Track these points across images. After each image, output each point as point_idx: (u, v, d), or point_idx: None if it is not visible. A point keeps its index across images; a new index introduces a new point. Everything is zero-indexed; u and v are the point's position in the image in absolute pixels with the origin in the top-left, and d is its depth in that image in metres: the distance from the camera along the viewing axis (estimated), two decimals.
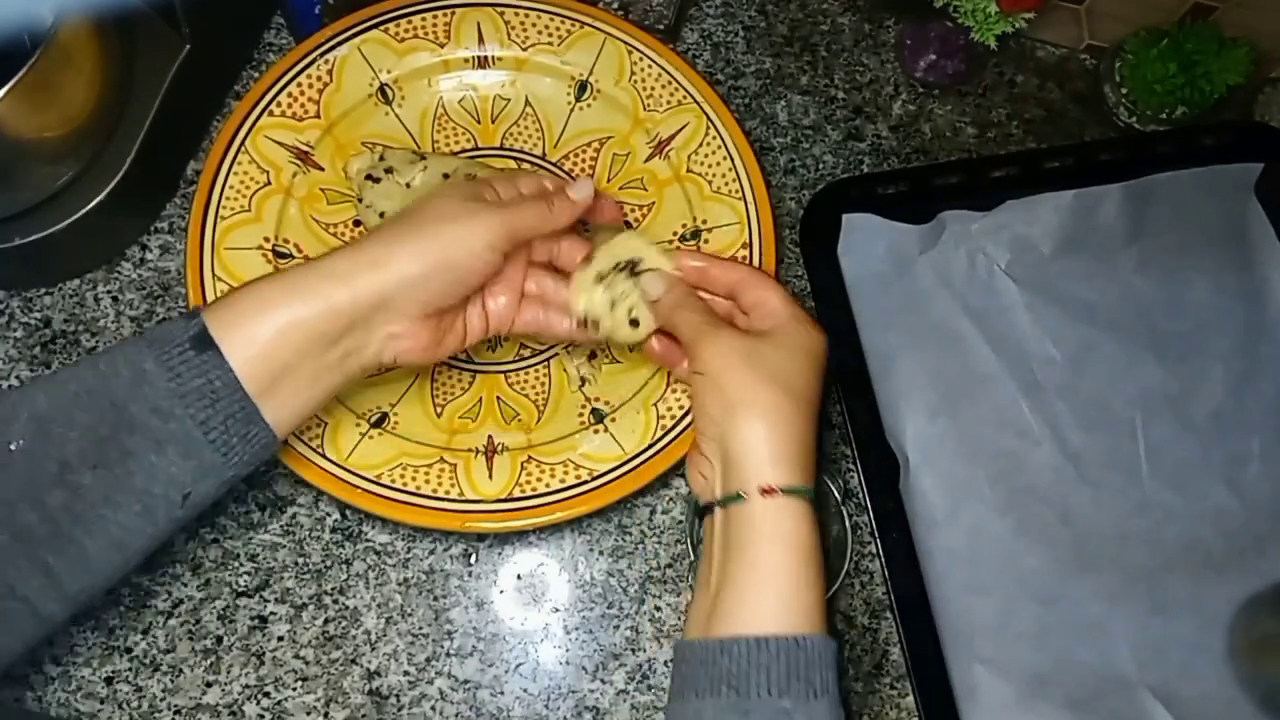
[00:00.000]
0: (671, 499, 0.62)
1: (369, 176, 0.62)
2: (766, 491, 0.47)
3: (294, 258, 0.61)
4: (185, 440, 0.43)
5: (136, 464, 0.43)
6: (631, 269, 0.55)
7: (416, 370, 0.61)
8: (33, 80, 0.50)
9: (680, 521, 0.62)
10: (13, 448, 0.42)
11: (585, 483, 0.58)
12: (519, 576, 0.60)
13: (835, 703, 0.45)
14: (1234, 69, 0.68)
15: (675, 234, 0.64)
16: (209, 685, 0.56)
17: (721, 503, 0.49)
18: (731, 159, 0.64)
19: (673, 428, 0.59)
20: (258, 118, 0.62)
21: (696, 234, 0.64)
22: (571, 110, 0.67)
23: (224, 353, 0.43)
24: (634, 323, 0.55)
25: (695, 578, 0.51)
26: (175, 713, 0.56)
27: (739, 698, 0.44)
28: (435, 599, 0.59)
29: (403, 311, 0.47)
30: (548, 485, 0.57)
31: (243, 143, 0.61)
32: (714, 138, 0.65)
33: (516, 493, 0.57)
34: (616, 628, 0.60)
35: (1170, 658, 0.61)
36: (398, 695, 0.57)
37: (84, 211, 0.60)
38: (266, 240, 0.61)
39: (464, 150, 0.66)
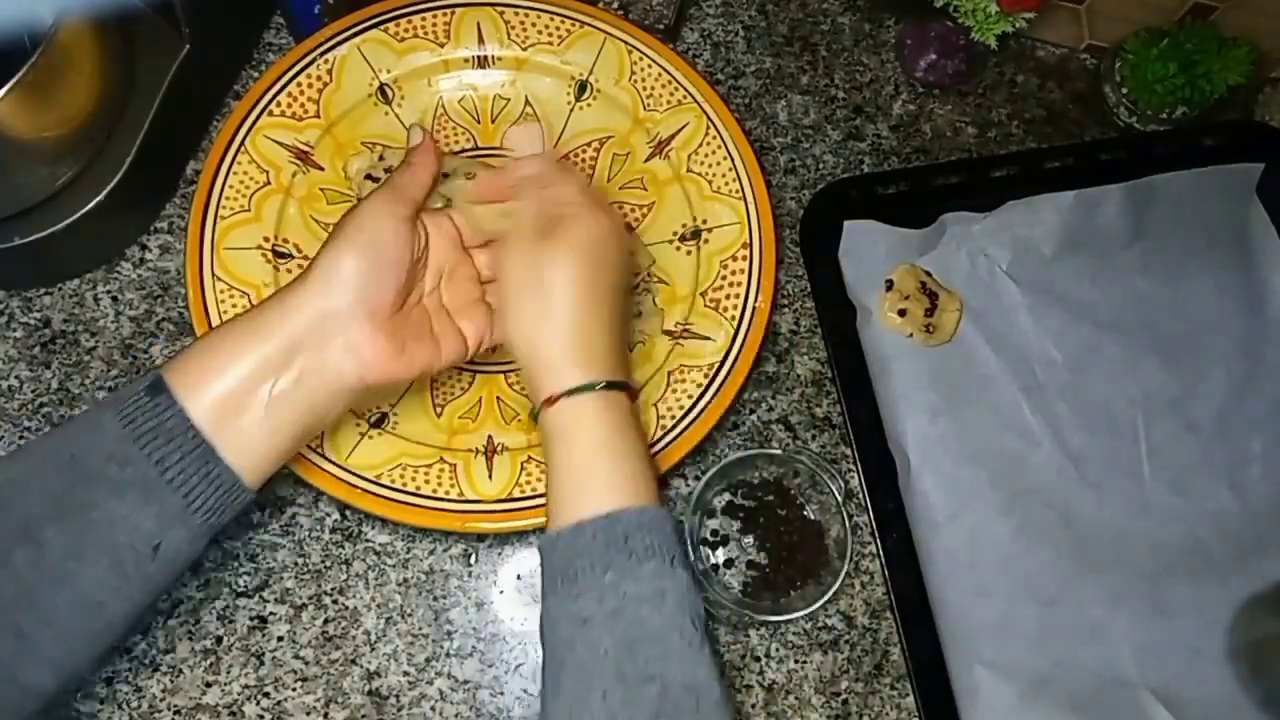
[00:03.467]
0: (671, 499, 0.62)
1: (369, 176, 0.62)
2: (549, 401, 0.48)
3: (293, 257, 0.61)
4: (144, 484, 0.43)
5: (98, 514, 0.42)
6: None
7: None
8: (33, 80, 0.50)
9: (680, 521, 0.62)
10: None
11: None
12: (519, 576, 0.60)
13: (665, 563, 0.45)
14: (1234, 69, 0.68)
15: (675, 234, 0.64)
16: (209, 685, 0.56)
17: (532, 417, 0.50)
18: (731, 159, 0.64)
19: (673, 428, 0.59)
20: (257, 117, 0.62)
21: (696, 234, 0.64)
22: (571, 110, 0.67)
23: (176, 395, 0.43)
24: None
25: None
26: (175, 713, 0.56)
27: (569, 583, 0.45)
28: (435, 599, 0.59)
29: (348, 316, 0.46)
30: None
31: (242, 142, 0.61)
32: (714, 137, 0.65)
33: (516, 493, 0.57)
34: None
35: (1171, 659, 0.61)
36: (397, 695, 0.57)
37: (84, 211, 0.60)
38: (266, 240, 0.61)
39: (464, 150, 0.66)
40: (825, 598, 0.56)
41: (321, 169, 0.63)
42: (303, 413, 0.46)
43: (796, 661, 0.60)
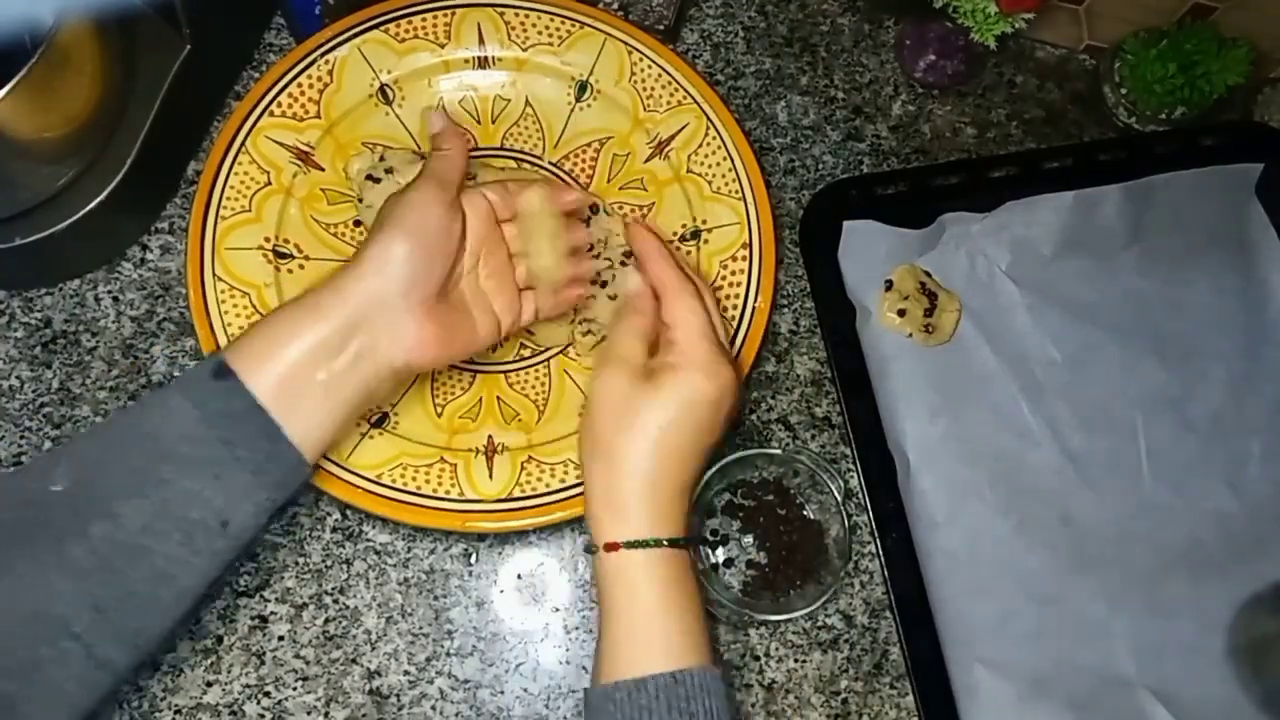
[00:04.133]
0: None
1: (369, 177, 0.62)
2: (611, 547, 0.48)
3: (294, 258, 0.61)
4: (214, 462, 0.45)
5: (172, 490, 0.44)
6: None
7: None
8: (33, 81, 0.50)
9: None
10: (55, 489, 0.44)
11: None
12: (519, 576, 0.60)
13: None
14: (1233, 69, 0.68)
15: (675, 234, 0.64)
16: (209, 685, 0.56)
17: (587, 550, 0.50)
18: (731, 159, 0.64)
19: None
20: (258, 118, 0.62)
21: (696, 234, 0.64)
22: (571, 111, 0.67)
23: (241, 378, 0.46)
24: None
25: None
26: (175, 713, 0.56)
27: None
28: (435, 599, 0.59)
29: (398, 303, 0.48)
30: (548, 485, 0.57)
31: (243, 143, 0.61)
32: (714, 138, 0.65)
33: (516, 492, 0.57)
34: None
35: (1170, 658, 0.61)
36: (398, 695, 0.57)
37: (84, 212, 0.60)
38: (267, 240, 0.61)
39: None
40: (825, 597, 0.56)
41: (322, 169, 0.63)
42: (356, 391, 0.48)
43: (796, 661, 0.60)
